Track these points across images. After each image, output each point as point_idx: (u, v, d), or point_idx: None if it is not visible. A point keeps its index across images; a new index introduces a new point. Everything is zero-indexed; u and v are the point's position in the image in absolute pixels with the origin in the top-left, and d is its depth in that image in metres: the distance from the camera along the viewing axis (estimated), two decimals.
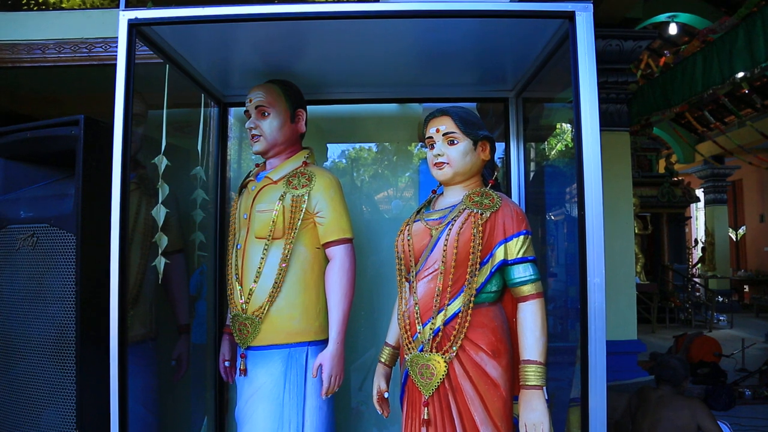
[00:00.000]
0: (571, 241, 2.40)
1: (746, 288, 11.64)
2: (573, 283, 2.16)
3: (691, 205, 10.99)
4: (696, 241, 12.90)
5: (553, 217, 2.69)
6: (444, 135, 1.75)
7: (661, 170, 10.01)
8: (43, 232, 1.86)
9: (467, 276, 1.64)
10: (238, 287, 1.94)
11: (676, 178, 9.79)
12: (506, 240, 1.65)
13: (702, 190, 12.07)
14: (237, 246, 2.00)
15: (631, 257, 5.09)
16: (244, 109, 2.05)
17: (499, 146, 2.51)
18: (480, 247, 1.64)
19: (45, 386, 1.77)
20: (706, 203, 12.14)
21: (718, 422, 2.73)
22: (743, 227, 12.58)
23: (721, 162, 11.22)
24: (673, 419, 2.75)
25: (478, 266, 1.64)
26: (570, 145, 2.46)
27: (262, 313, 1.90)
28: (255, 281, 1.91)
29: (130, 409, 1.68)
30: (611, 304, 1.54)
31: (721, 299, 10.02)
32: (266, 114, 1.99)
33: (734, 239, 12.47)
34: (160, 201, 1.88)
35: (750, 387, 5.00)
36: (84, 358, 1.72)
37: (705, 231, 12.26)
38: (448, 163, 1.74)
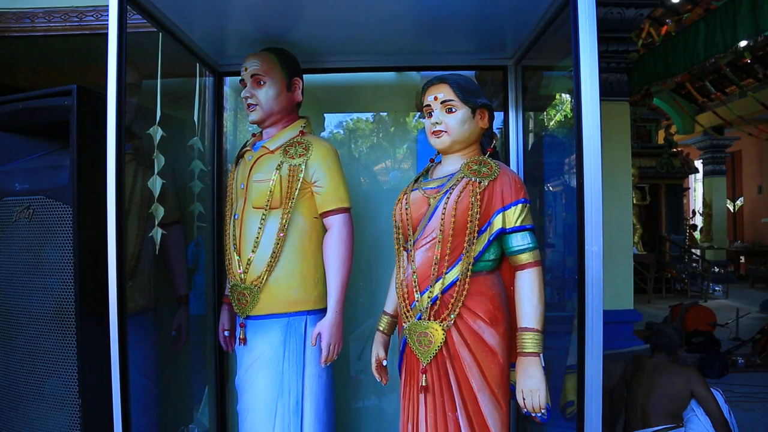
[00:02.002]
0: (569, 212, 2.40)
1: (742, 259, 11.71)
2: (570, 253, 2.16)
3: (690, 176, 10.97)
4: (694, 212, 12.92)
5: (551, 188, 2.68)
6: (442, 103, 1.73)
7: (661, 141, 9.95)
8: (39, 204, 1.85)
9: (465, 244, 1.64)
10: (236, 257, 1.95)
11: (675, 149, 9.74)
12: (504, 208, 1.65)
13: (701, 161, 12.03)
14: (234, 216, 2.00)
15: (628, 228, 5.10)
16: (240, 78, 2.02)
17: (498, 116, 2.49)
18: (478, 216, 1.64)
19: (46, 357, 1.79)
20: (705, 174, 12.12)
21: (711, 389, 2.78)
22: (741, 199, 12.59)
23: (720, 133, 11.15)
24: (668, 387, 2.79)
25: (476, 234, 1.64)
26: (569, 116, 2.44)
27: (261, 283, 1.91)
28: (253, 251, 1.91)
29: (131, 378, 1.70)
30: (608, 274, 1.55)
31: (717, 270, 10.09)
32: (262, 83, 1.97)
33: (732, 211, 12.50)
34: (155, 172, 1.87)
35: (743, 355, 5.08)
36: (84, 329, 1.73)
37: (703, 202, 12.27)
38: (446, 132, 1.73)
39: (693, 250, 10.64)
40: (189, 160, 2.26)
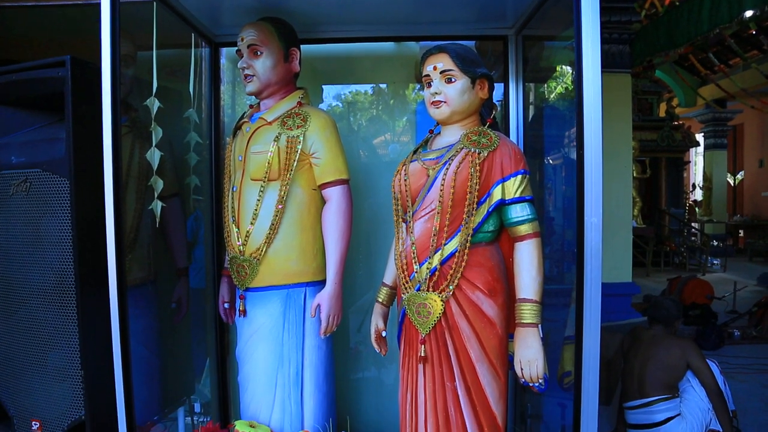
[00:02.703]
0: (568, 185, 2.39)
1: (741, 233, 11.74)
2: (570, 227, 2.16)
3: (691, 149, 10.93)
4: (694, 186, 12.91)
5: (551, 161, 2.67)
6: (441, 73, 1.70)
7: (662, 114, 9.89)
8: (35, 178, 1.84)
9: (464, 215, 1.64)
10: (235, 229, 1.95)
11: (676, 122, 9.68)
12: (504, 179, 1.65)
13: (702, 134, 11.97)
14: (233, 188, 1.99)
15: (628, 201, 5.10)
16: (236, 48, 1.99)
17: (498, 87, 2.46)
18: (477, 187, 1.63)
19: (48, 329, 1.80)
20: (706, 148, 12.06)
21: (707, 361, 2.81)
22: (741, 172, 12.56)
23: (723, 106, 11.07)
24: (664, 358, 2.82)
25: (475, 206, 1.64)
26: (570, 88, 2.41)
27: (260, 255, 1.91)
28: (252, 223, 1.91)
29: (132, 350, 1.71)
30: (607, 247, 1.55)
31: (715, 243, 10.13)
32: (259, 53, 1.94)
33: (732, 184, 12.48)
34: (153, 144, 1.86)
35: (739, 328, 5.14)
36: (84, 301, 1.73)
37: (703, 176, 12.24)
38: (445, 102, 1.71)
39: (692, 224, 10.66)
40: (185, 133, 2.24)
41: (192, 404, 2.49)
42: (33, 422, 1.83)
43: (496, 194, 1.65)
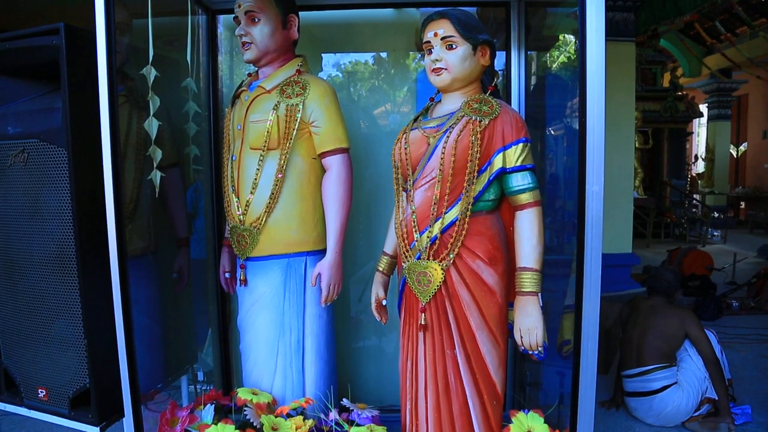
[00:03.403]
0: (570, 155, 2.37)
1: (742, 204, 11.72)
2: (571, 197, 2.15)
3: (694, 120, 10.83)
4: (696, 158, 12.83)
5: (552, 131, 2.64)
6: (442, 39, 1.67)
7: (666, 84, 9.76)
8: (33, 148, 1.82)
9: (465, 184, 1.63)
10: (235, 199, 1.95)
11: (680, 93, 9.57)
12: (505, 148, 1.63)
13: (706, 105, 11.85)
14: (232, 158, 1.98)
15: (630, 171, 5.08)
16: (233, 15, 1.95)
17: (500, 56, 2.42)
18: (478, 155, 1.62)
19: (51, 300, 1.80)
20: (709, 119, 11.95)
21: (705, 330, 2.83)
22: (745, 144, 12.47)
23: (728, 76, 10.93)
24: (663, 327, 2.84)
25: (475, 174, 1.63)
26: (573, 57, 2.37)
27: (260, 224, 1.91)
28: (251, 193, 1.91)
29: (134, 319, 1.72)
30: (608, 218, 1.54)
31: (716, 215, 10.12)
32: (256, 20, 1.91)
33: (735, 156, 12.40)
34: (151, 113, 1.84)
35: (737, 299, 5.16)
36: (85, 271, 1.74)
37: (706, 147, 12.16)
38: (446, 69, 1.68)
39: (693, 196, 10.64)
40: (183, 102, 2.21)
41: (195, 373, 2.52)
42: (39, 390, 1.86)
43: (497, 162, 1.64)
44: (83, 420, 1.79)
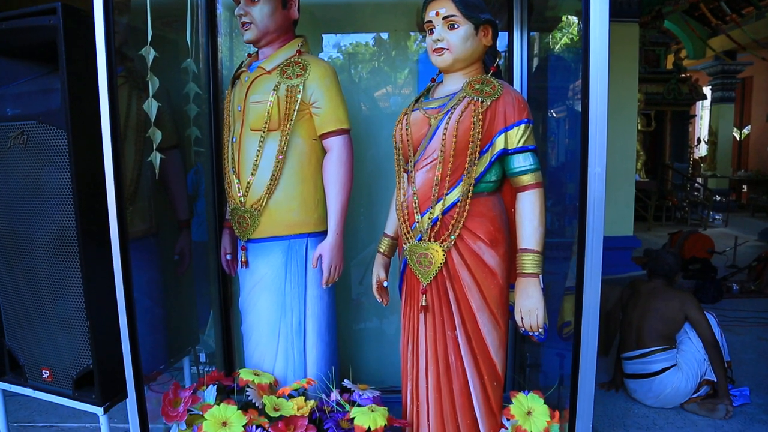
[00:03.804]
0: (572, 138, 2.36)
1: (744, 188, 11.68)
2: (572, 180, 2.14)
3: (697, 103, 10.74)
4: (699, 141, 12.76)
5: (554, 114, 2.63)
6: (444, 18, 1.65)
7: (669, 66, 9.67)
8: (32, 130, 1.82)
9: (466, 165, 1.62)
10: (236, 181, 1.94)
11: (683, 75, 9.48)
12: (507, 129, 1.62)
13: (710, 87, 11.74)
14: (232, 139, 1.97)
15: (632, 154, 5.06)
16: None
17: (502, 36, 2.39)
18: (480, 136, 1.61)
19: (53, 281, 1.81)
20: (713, 101, 11.85)
21: (705, 313, 2.84)
22: (748, 127, 12.39)
23: (732, 58, 10.81)
24: (663, 310, 2.85)
25: (477, 155, 1.62)
26: (576, 38, 2.35)
27: (261, 206, 1.91)
28: (252, 174, 1.90)
29: (136, 301, 1.73)
30: (609, 200, 1.54)
31: (718, 198, 10.09)
32: (256, 0, 1.88)
33: (738, 139, 12.33)
34: (150, 94, 1.82)
35: (738, 282, 5.17)
36: (87, 253, 1.74)
37: (709, 130, 12.08)
38: (447, 49, 1.66)
39: (696, 179, 10.60)
40: (183, 84, 2.20)
41: (197, 354, 2.54)
42: (43, 371, 1.87)
43: (499, 144, 1.63)
44: (87, 400, 1.80)
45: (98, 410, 1.76)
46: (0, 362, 1.99)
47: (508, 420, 1.76)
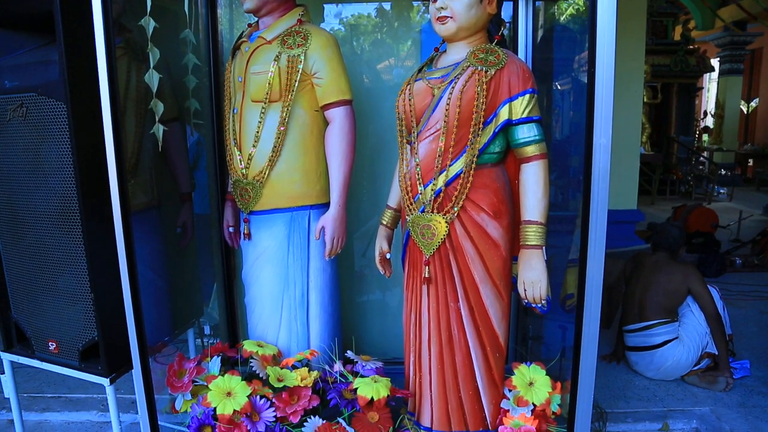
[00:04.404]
0: (577, 110, 2.33)
1: (750, 162, 11.58)
2: (577, 153, 2.12)
3: (704, 75, 10.58)
4: (705, 114, 12.62)
5: (559, 86, 2.59)
6: None
7: (677, 37, 9.50)
8: (31, 102, 1.80)
9: (470, 136, 1.60)
10: (237, 153, 1.93)
11: (691, 46, 9.32)
12: (511, 99, 1.60)
13: (718, 59, 11.55)
14: (233, 111, 1.95)
15: (637, 127, 5.01)
16: None
17: (507, 6, 2.35)
18: (484, 106, 1.59)
19: (56, 254, 1.81)
20: (721, 73, 11.65)
21: (708, 286, 2.84)
22: (756, 99, 12.22)
23: (742, 29, 10.60)
24: (666, 283, 2.85)
25: (481, 126, 1.60)
26: (582, 9, 2.30)
27: (263, 178, 1.90)
28: (254, 146, 1.89)
29: (140, 274, 1.73)
30: (614, 173, 1.52)
31: (723, 172, 10.02)
32: None
33: (745, 112, 12.18)
34: (151, 66, 1.80)
35: (741, 256, 5.16)
36: (89, 226, 1.74)
37: (716, 103, 11.93)
38: (451, 17, 1.63)
39: (701, 152, 10.51)
40: (182, 55, 2.16)
41: (201, 326, 2.56)
42: (49, 343, 1.89)
43: (503, 114, 1.61)
44: (93, 371, 1.82)
45: (104, 381, 1.78)
46: (7, 334, 2.01)
47: (510, 391, 1.78)
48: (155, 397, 1.79)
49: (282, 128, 1.87)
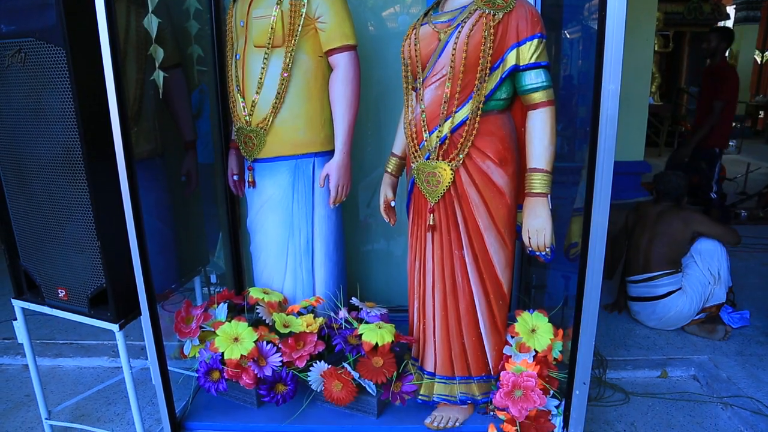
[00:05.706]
0: (585, 59, 2.27)
1: (761, 114, 11.37)
2: (584, 103, 2.08)
3: (719, 23, 10.25)
4: None
5: (568, 35, 2.52)
6: None
7: None
8: (30, 47, 1.76)
9: (476, 82, 1.57)
10: (240, 99, 1.90)
11: None
12: (519, 44, 1.55)
13: (734, 7, 11.17)
14: (236, 56, 1.91)
15: (647, 76, 4.91)
16: None
17: None
18: (491, 51, 1.55)
19: (62, 202, 1.82)
20: (736, 22, 11.28)
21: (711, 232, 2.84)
22: None
23: None
24: (670, 234, 2.86)
25: (488, 71, 1.56)
26: None
27: (267, 125, 1.88)
28: (257, 92, 1.86)
29: (145, 222, 1.74)
30: (621, 123, 1.49)
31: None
32: None
33: (759, 62, 11.86)
34: (150, 10, 1.75)
35: (747, 209, 5.15)
36: (94, 174, 1.73)
37: (729, 52, 11.61)
38: None
39: None
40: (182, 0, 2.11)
41: (208, 275, 2.59)
42: (59, 290, 1.92)
43: (511, 59, 1.57)
44: (102, 318, 1.86)
45: (114, 327, 1.82)
46: (18, 282, 2.04)
47: (512, 337, 1.81)
48: (164, 343, 1.83)
49: (285, 74, 1.83)
